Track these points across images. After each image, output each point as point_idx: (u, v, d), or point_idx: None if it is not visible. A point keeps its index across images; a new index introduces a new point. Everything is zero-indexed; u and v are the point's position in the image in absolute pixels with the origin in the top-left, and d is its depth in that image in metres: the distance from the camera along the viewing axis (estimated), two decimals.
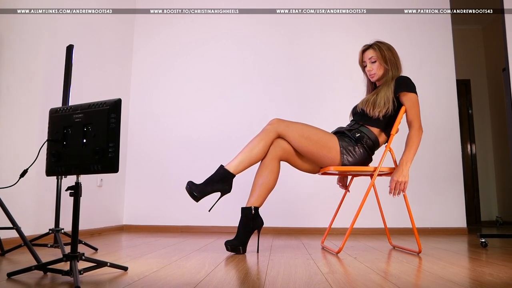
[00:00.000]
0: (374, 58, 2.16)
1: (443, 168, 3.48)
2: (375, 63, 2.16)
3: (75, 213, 1.29)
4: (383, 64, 2.15)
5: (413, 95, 2.06)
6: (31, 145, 2.33)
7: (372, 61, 2.17)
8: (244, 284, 1.23)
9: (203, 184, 1.92)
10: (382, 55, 2.15)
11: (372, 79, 2.21)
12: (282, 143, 2.06)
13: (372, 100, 2.08)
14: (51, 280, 1.27)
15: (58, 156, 1.32)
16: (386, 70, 2.16)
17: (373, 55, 2.17)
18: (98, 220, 3.11)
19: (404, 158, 1.98)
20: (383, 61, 2.14)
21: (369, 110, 2.07)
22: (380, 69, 2.16)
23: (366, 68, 2.21)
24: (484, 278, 1.32)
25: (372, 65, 2.17)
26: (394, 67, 2.15)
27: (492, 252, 2.06)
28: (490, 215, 4.90)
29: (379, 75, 2.18)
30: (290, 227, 3.40)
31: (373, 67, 2.17)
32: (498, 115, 4.85)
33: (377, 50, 2.16)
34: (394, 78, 2.13)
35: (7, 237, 2.00)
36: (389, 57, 2.15)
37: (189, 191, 1.89)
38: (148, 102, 3.70)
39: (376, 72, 2.17)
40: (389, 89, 2.09)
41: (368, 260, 1.74)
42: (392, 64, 2.15)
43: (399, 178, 1.95)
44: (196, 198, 1.88)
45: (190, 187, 1.89)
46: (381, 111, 2.05)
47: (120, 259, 1.74)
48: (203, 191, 1.90)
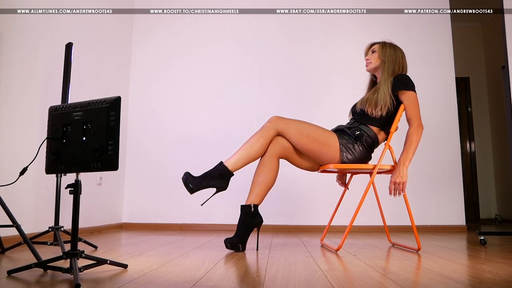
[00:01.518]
0: (375, 48, 2.23)
1: (442, 166, 3.48)
2: (375, 53, 2.22)
3: (74, 211, 1.30)
4: (381, 57, 2.19)
5: (412, 93, 2.07)
6: (30, 143, 2.33)
7: (372, 50, 2.24)
8: (243, 281, 1.23)
9: (200, 177, 1.92)
10: (383, 50, 2.20)
11: (366, 67, 2.27)
12: (281, 141, 2.07)
13: (374, 100, 2.08)
14: (51, 278, 1.27)
15: (57, 154, 1.32)
16: (383, 63, 2.18)
17: (376, 47, 2.24)
18: (98, 218, 3.11)
19: (402, 158, 1.99)
20: (382, 54, 2.19)
21: (371, 110, 2.08)
22: (377, 61, 2.21)
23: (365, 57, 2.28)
24: (483, 275, 1.33)
25: (371, 55, 2.23)
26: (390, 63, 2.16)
27: (491, 249, 2.07)
28: (489, 213, 4.91)
29: (375, 66, 2.22)
30: (290, 225, 3.41)
31: (371, 57, 2.23)
32: (498, 113, 4.85)
33: (381, 44, 2.23)
34: (393, 75, 2.13)
35: (7, 235, 2.00)
36: (390, 53, 2.18)
37: (185, 182, 1.89)
38: (147, 101, 3.70)
39: (372, 61, 2.22)
40: (387, 87, 2.09)
41: (367, 258, 1.75)
42: (390, 60, 2.17)
43: (397, 179, 1.96)
44: (191, 190, 1.89)
45: (187, 178, 1.89)
46: (382, 110, 2.06)
47: (120, 257, 1.74)
48: (199, 184, 1.90)
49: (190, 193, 1.90)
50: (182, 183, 1.92)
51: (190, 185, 1.88)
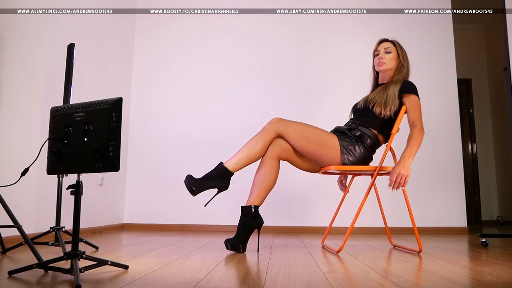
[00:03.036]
0: (390, 49, 2.20)
1: (444, 167, 3.48)
2: (390, 54, 2.19)
3: (76, 212, 1.30)
4: (399, 59, 2.19)
5: (415, 97, 2.08)
6: (32, 143, 2.33)
7: (387, 51, 2.20)
8: (244, 283, 1.23)
9: (201, 179, 1.94)
10: (401, 53, 2.20)
11: (379, 66, 2.21)
12: (282, 142, 2.07)
13: (383, 100, 2.07)
14: (52, 279, 1.27)
15: (59, 155, 1.33)
16: (400, 66, 2.18)
17: (390, 47, 2.20)
18: (99, 218, 3.11)
19: (406, 152, 1.93)
20: (401, 57, 2.19)
21: (380, 109, 2.07)
22: (392, 62, 2.19)
23: (378, 55, 2.22)
24: (485, 278, 1.32)
25: (386, 55, 2.20)
26: (407, 68, 2.19)
27: (492, 251, 2.06)
28: (491, 215, 4.90)
29: (390, 67, 2.19)
30: (291, 226, 3.41)
31: (386, 57, 2.19)
32: (499, 115, 4.84)
33: (396, 45, 2.22)
34: (403, 79, 2.14)
35: (8, 235, 2.01)
36: (406, 57, 2.20)
37: (187, 185, 1.92)
38: (149, 101, 3.70)
39: (387, 62, 2.19)
40: (397, 89, 2.09)
41: (368, 259, 1.74)
42: (407, 65, 2.19)
43: (401, 171, 1.88)
44: (194, 193, 1.92)
45: (189, 181, 1.92)
46: (391, 111, 2.06)
47: (121, 258, 1.74)
48: (201, 186, 1.92)
49: (193, 195, 1.93)
50: (185, 186, 1.94)
51: (192, 187, 1.91)
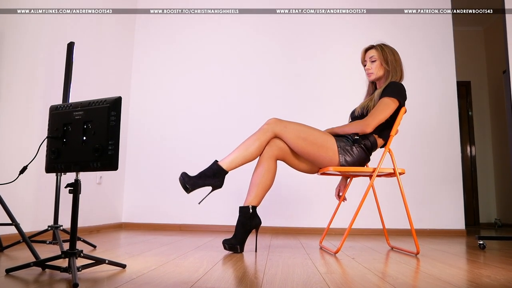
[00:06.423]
0: (375, 57, 2.17)
1: (442, 169, 3.48)
2: (375, 63, 2.17)
3: (74, 210, 1.30)
4: (384, 65, 2.15)
5: (388, 99, 2.03)
6: (31, 142, 2.33)
7: (372, 60, 2.17)
8: (241, 283, 1.23)
9: (195, 177, 1.94)
10: (384, 56, 2.15)
11: (369, 77, 2.22)
12: (278, 142, 2.06)
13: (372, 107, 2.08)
14: (50, 277, 1.27)
15: (57, 153, 1.33)
16: (387, 71, 2.15)
17: (374, 55, 2.17)
18: (97, 217, 3.11)
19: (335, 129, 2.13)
20: (384, 62, 2.14)
21: None
22: (380, 69, 2.16)
23: (365, 67, 2.21)
24: (482, 280, 1.33)
25: (372, 64, 2.17)
26: (394, 71, 2.15)
27: (490, 254, 2.06)
28: (489, 217, 4.90)
29: (378, 75, 2.18)
30: (289, 227, 3.41)
31: (372, 66, 2.17)
32: (498, 118, 4.85)
33: (379, 50, 2.17)
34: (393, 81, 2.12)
35: (6, 233, 2.00)
36: (391, 59, 2.15)
37: (182, 183, 1.92)
38: (148, 101, 3.70)
39: (374, 71, 2.17)
40: (380, 91, 2.09)
41: (366, 261, 1.74)
42: (393, 68, 2.14)
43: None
44: (188, 190, 1.92)
45: (184, 179, 1.92)
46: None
47: (119, 257, 1.74)
48: (195, 184, 1.92)
49: (187, 192, 1.93)
50: (179, 183, 1.94)
51: (187, 185, 1.91)
